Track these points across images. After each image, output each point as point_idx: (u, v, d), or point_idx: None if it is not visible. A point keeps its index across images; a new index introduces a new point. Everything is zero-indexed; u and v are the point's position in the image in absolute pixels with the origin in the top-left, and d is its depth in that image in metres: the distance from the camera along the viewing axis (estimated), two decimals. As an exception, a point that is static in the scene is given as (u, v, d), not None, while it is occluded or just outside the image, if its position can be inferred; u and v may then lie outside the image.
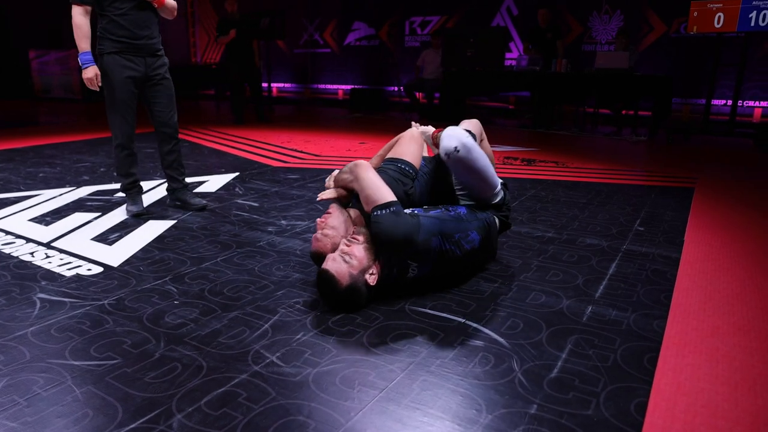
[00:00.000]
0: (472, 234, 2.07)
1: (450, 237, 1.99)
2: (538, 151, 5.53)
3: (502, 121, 8.22)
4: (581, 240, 2.77)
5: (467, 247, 2.05)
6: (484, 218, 2.16)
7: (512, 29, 8.67)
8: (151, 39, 2.91)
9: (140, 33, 2.85)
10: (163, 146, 3.12)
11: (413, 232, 1.87)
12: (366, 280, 1.87)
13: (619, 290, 2.17)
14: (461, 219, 2.07)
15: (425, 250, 1.92)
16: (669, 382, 1.54)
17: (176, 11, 3.05)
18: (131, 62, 2.85)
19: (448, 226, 2.00)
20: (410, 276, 1.95)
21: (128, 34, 2.81)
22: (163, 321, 1.81)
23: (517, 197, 3.60)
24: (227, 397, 1.41)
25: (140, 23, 2.84)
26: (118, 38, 2.81)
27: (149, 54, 2.91)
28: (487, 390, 1.47)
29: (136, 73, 2.87)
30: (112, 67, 2.82)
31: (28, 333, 1.71)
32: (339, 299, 1.87)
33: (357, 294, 1.87)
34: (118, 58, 2.82)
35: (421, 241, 1.89)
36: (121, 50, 2.82)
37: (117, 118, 2.89)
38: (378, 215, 1.87)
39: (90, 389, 1.43)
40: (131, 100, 2.90)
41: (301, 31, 10.66)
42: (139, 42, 2.85)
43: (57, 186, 3.67)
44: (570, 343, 1.74)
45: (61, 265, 2.28)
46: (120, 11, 2.78)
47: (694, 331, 1.85)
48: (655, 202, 3.54)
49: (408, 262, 1.92)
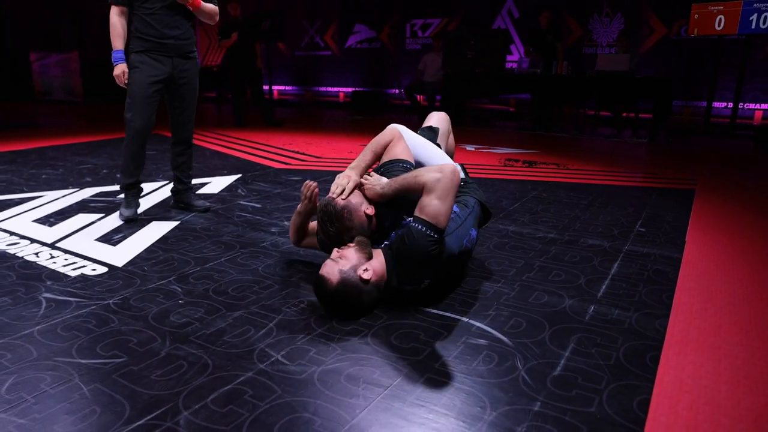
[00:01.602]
0: (473, 232, 2.09)
1: (459, 244, 2.00)
2: (539, 153, 5.54)
3: (502, 123, 8.24)
4: (583, 241, 2.78)
5: (470, 247, 2.08)
6: (474, 211, 2.17)
7: (513, 31, 8.70)
8: (181, 40, 2.89)
9: (169, 33, 2.84)
10: (176, 147, 3.15)
11: (438, 262, 1.87)
12: (360, 275, 1.80)
13: (621, 290, 2.18)
14: (462, 220, 2.08)
15: (439, 269, 1.95)
16: (671, 380, 1.55)
17: (217, 15, 3.02)
18: (158, 62, 2.85)
19: (459, 233, 2.00)
20: (423, 288, 1.98)
21: (156, 34, 2.82)
22: (168, 320, 1.82)
23: (519, 199, 3.61)
24: (233, 394, 1.42)
25: (169, 23, 2.83)
26: (147, 37, 2.82)
27: (178, 55, 2.90)
28: (491, 387, 1.48)
29: (161, 73, 2.86)
30: (139, 65, 2.83)
31: (35, 332, 1.72)
32: (332, 299, 1.81)
33: (350, 291, 1.79)
34: (145, 56, 2.83)
35: (443, 261, 1.91)
36: (149, 49, 2.83)
37: (134, 115, 2.86)
38: (419, 228, 1.80)
39: (97, 387, 1.44)
40: (152, 97, 2.87)
41: (302, 33, 10.69)
42: (168, 42, 2.84)
43: (60, 187, 3.68)
44: (573, 342, 1.75)
45: (66, 265, 2.29)
46: (149, 10, 2.79)
47: (696, 330, 1.86)
48: (655, 203, 3.55)
49: (424, 280, 1.95)
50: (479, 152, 5.56)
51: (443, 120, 2.69)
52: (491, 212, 2.38)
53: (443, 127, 2.64)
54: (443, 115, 2.73)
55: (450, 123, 2.74)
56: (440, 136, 2.59)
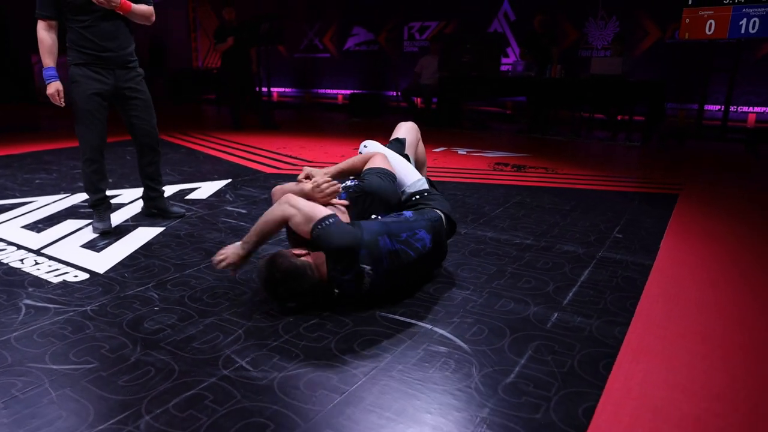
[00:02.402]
0: (420, 233, 2.14)
1: (397, 236, 2.05)
2: (530, 156, 5.59)
3: (499, 125, 8.29)
4: (558, 247, 2.84)
5: (418, 245, 2.11)
6: (430, 217, 2.24)
7: (509, 34, 8.74)
8: (121, 50, 2.81)
9: (107, 45, 2.76)
10: (143, 158, 3.11)
11: (356, 235, 1.95)
12: (294, 252, 1.95)
13: (587, 297, 2.23)
14: (407, 220, 2.16)
15: (374, 249, 1.97)
16: (620, 387, 1.61)
17: (153, 16, 2.93)
18: (99, 74, 2.78)
19: (392, 227, 2.08)
20: (367, 280, 1.99)
21: (94, 46, 2.74)
22: (142, 327, 1.89)
23: (502, 204, 3.67)
24: (194, 399, 1.49)
25: (106, 35, 2.75)
26: (84, 50, 2.74)
27: (119, 66, 2.83)
28: (443, 394, 1.55)
29: (104, 87, 2.79)
30: (79, 79, 2.76)
31: (12, 338, 1.79)
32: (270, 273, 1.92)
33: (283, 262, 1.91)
34: (86, 69, 2.76)
35: (367, 240, 1.96)
36: (88, 62, 2.75)
37: (84, 130, 2.81)
38: (318, 229, 1.92)
39: (65, 392, 1.51)
40: (99, 112, 2.81)
41: (301, 36, 10.77)
42: (106, 54, 2.77)
43: (52, 192, 3.76)
44: (530, 350, 1.81)
45: (50, 271, 2.37)
46: (84, 23, 2.70)
47: (654, 338, 1.92)
48: (637, 209, 3.60)
49: (361, 266, 1.95)
50: (470, 156, 5.61)
51: (411, 130, 2.76)
52: (455, 222, 2.45)
53: (411, 137, 2.71)
54: (411, 125, 2.81)
55: (419, 132, 2.81)
56: (408, 147, 2.66)
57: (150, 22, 2.96)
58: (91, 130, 2.82)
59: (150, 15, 2.93)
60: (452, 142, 6.51)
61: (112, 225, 2.98)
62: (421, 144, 2.85)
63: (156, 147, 3.11)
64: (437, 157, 5.50)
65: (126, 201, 3.57)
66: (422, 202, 2.36)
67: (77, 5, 2.68)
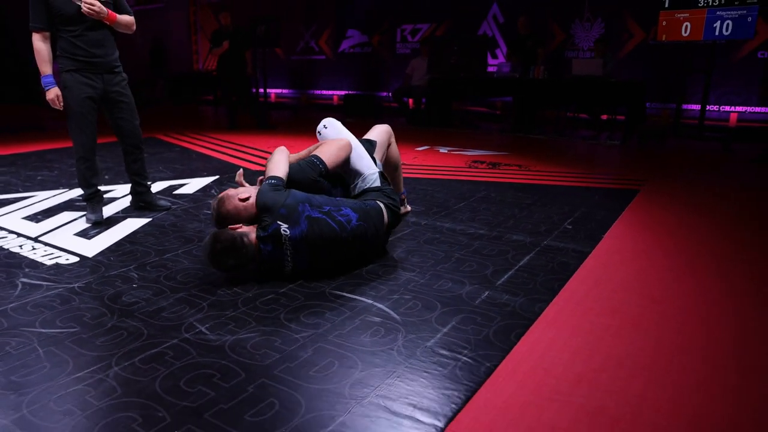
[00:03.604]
0: (344, 209, 2.42)
1: (319, 207, 2.36)
2: (508, 155, 5.85)
3: (487, 125, 8.55)
4: (508, 237, 3.10)
5: (342, 220, 2.37)
6: (364, 203, 2.54)
7: (498, 36, 8.99)
8: (107, 57, 3.10)
9: (95, 52, 3.04)
10: (128, 156, 3.39)
11: (278, 197, 2.33)
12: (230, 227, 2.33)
13: (520, 279, 2.50)
14: (335, 199, 2.50)
15: (293, 211, 2.30)
16: (524, 351, 1.87)
17: (134, 25, 3.23)
18: (89, 79, 3.05)
19: (317, 200, 2.41)
20: (285, 238, 2.28)
21: (84, 54, 3.01)
22: (120, 300, 2.19)
23: (466, 198, 3.94)
24: (157, 356, 1.78)
25: (95, 43, 3.03)
26: (75, 57, 3.01)
27: (106, 71, 3.12)
28: (368, 354, 1.82)
29: (93, 91, 3.07)
30: (71, 84, 3.02)
31: (8, 309, 2.10)
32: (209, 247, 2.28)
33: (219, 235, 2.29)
34: (77, 75, 3.03)
35: (288, 203, 2.31)
36: (79, 68, 3.03)
37: (77, 131, 3.08)
38: (263, 185, 2.39)
39: (51, 349, 1.81)
40: (90, 114, 3.09)
41: (297, 38, 11.08)
42: (95, 60, 3.05)
43: (52, 188, 4.08)
44: (454, 321, 2.08)
45: (45, 255, 2.68)
46: (74, 33, 2.98)
47: (569, 314, 2.17)
48: (595, 203, 3.85)
49: (278, 223, 2.28)
50: (450, 154, 5.88)
51: (383, 132, 3.04)
52: (399, 214, 2.74)
53: (381, 139, 2.99)
54: (385, 127, 3.08)
55: (391, 135, 3.09)
56: (377, 149, 2.93)
57: (131, 31, 3.25)
58: (83, 131, 3.10)
59: (131, 24, 3.23)
60: (437, 141, 6.78)
61: (103, 216, 3.28)
62: (395, 146, 3.14)
63: (140, 145, 3.40)
64: (418, 155, 5.77)
65: (119, 195, 3.87)
66: (367, 193, 2.66)
67: (68, 16, 2.96)
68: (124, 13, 3.18)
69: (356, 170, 2.73)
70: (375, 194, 2.63)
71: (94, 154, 3.21)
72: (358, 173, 2.73)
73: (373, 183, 2.69)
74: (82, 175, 3.20)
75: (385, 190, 2.70)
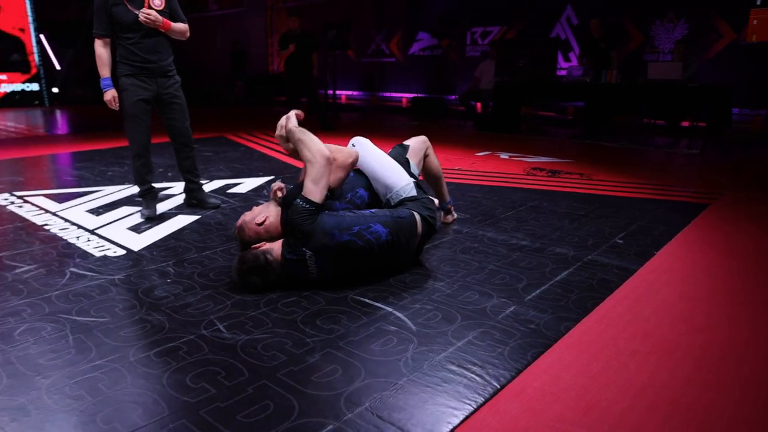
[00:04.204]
0: (374, 226, 2.37)
1: (348, 229, 2.32)
2: (571, 162, 5.61)
3: (557, 131, 8.25)
4: (551, 249, 2.97)
5: (370, 237, 2.35)
6: (396, 215, 2.48)
7: (572, 38, 8.66)
8: (161, 62, 3.31)
9: (150, 58, 3.25)
10: (180, 154, 3.58)
11: (306, 226, 2.27)
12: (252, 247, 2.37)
13: (552, 295, 2.38)
14: (364, 215, 2.43)
15: (318, 242, 2.28)
16: (535, 372, 1.79)
17: (188, 32, 3.40)
18: (144, 83, 3.27)
19: (346, 221, 2.35)
20: (311, 263, 2.29)
21: (140, 59, 3.23)
22: (152, 294, 2.31)
23: (516, 207, 3.82)
24: (172, 349, 1.86)
25: (150, 49, 3.25)
26: (132, 63, 3.24)
27: (160, 75, 3.32)
28: (374, 364, 1.80)
29: (148, 93, 3.29)
30: (126, 87, 3.25)
31: (53, 296, 2.27)
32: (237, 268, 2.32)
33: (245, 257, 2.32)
34: (133, 79, 3.25)
35: (315, 235, 2.27)
36: (135, 73, 3.25)
37: (131, 130, 3.31)
38: (297, 203, 2.30)
39: (79, 336, 1.93)
40: (144, 115, 3.30)
41: (368, 41, 11.21)
42: (150, 65, 3.27)
43: (119, 183, 4.38)
44: (472, 335, 2.02)
45: (96, 247, 2.87)
46: (131, 40, 3.21)
47: (595, 335, 2.05)
48: (656, 216, 3.60)
49: (303, 250, 2.28)
50: (511, 161, 5.73)
51: (418, 141, 3.09)
52: (435, 226, 2.67)
53: (415, 144, 3.00)
54: (421, 137, 3.14)
55: (428, 146, 3.12)
56: (411, 152, 2.93)
57: (185, 38, 3.43)
58: (137, 130, 3.31)
59: (185, 32, 3.41)
60: (500, 146, 6.62)
61: (157, 212, 3.47)
62: (433, 157, 3.15)
63: (190, 144, 3.59)
64: (476, 160, 5.67)
65: (175, 193, 4.08)
66: (403, 203, 2.62)
67: (126, 25, 3.18)
68: (179, 21, 3.36)
69: (387, 185, 2.71)
70: (411, 204, 2.60)
71: (148, 152, 3.41)
72: (390, 188, 2.69)
73: (409, 193, 2.65)
74: (137, 171, 3.41)
75: (421, 200, 2.65)
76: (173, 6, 3.34)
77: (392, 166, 2.75)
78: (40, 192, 4.11)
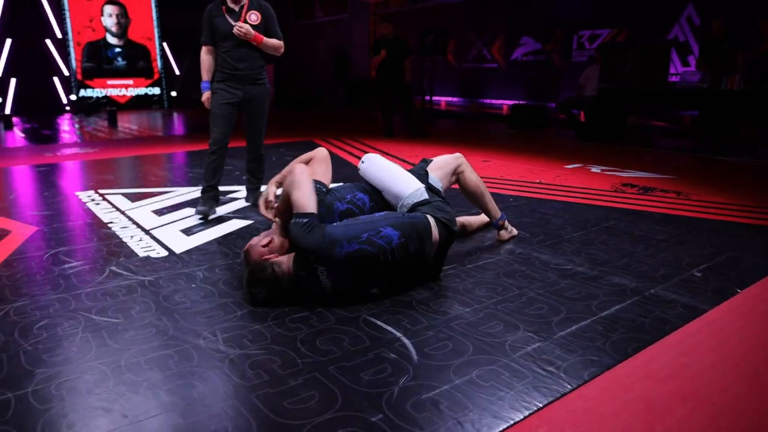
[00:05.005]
0: (384, 230, 2.26)
1: (356, 238, 2.21)
2: (672, 179, 5.02)
3: (666, 142, 7.47)
4: (609, 278, 2.64)
5: (381, 242, 2.23)
6: (409, 218, 2.37)
7: (692, 41, 7.78)
8: (250, 70, 3.59)
9: (239, 66, 3.55)
10: (248, 155, 3.88)
11: (313, 241, 2.17)
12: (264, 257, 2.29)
13: (589, 333, 2.09)
14: (375, 220, 2.32)
15: (329, 256, 2.18)
16: (527, 428, 1.56)
17: (281, 49, 3.67)
18: (232, 88, 3.57)
19: (355, 229, 2.25)
20: (323, 278, 2.21)
21: (230, 67, 3.55)
22: (172, 298, 2.35)
23: (587, 227, 3.46)
24: (164, 357, 1.86)
25: (240, 58, 3.54)
26: (223, 70, 3.58)
27: (248, 82, 3.61)
28: (356, 396, 1.67)
29: (234, 98, 3.59)
30: (217, 91, 3.59)
31: (83, 293, 2.39)
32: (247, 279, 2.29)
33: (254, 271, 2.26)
34: (223, 84, 3.58)
35: (322, 247, 2.17)
36: (225, 79, 3.58)
37: (212, 127, 3.59)
38: (293, 222, 2.23)
39: (87, 336, 2.01)
40: (227, 117, 3.58)
41: (469, 46, 10.94)
42: (238, 72, 3.56)
43: (194, 185, 4.60)
44: (475, 373, 1.81)
45: (144, 247, 3.01)
46: (225, 49, 3.54)
47: (623, 388, 1.75)
48: (752, 246, 3.08)
49: (314, 266, 2.19)
50: (602, 174, 5.25)
51: (449, 156, 3.00)
52: (454, 229, 2.52)
53: (442, 159, 2.94)
54: (456, 154, 3.02)
55: (460, 160, 2.99)
56: (433, 164, 2.88)
57: (279, 54, 3.68)
58: (217, 127, 3.58)
59: (279, 48, 3.65)
60: (595, 158, 6.11)
61: (211, 211, 3.63)
62: (469, 173, 3.00)
63: (259, 151, 3.86)
64: (562, 173, 5.27)
65: (240, 197, 4.20)
66: (416, 208, 2.52)
67: (223, 34, 3.50)
68: (273, 37, 3.61)
69: (396, 194, 2.65)
70: (423, 208, 2.52)
71: (223, 151, 3.64)
72: (399, 196, 2.63)
73: (420, 197, 2.57)
74: (207, 168, 3.65)
75: (434, 203, 2.55)
76: (270, 23, 3.59)
77: (401, 176, 2.69)
78: (119, 190, 4.44)
